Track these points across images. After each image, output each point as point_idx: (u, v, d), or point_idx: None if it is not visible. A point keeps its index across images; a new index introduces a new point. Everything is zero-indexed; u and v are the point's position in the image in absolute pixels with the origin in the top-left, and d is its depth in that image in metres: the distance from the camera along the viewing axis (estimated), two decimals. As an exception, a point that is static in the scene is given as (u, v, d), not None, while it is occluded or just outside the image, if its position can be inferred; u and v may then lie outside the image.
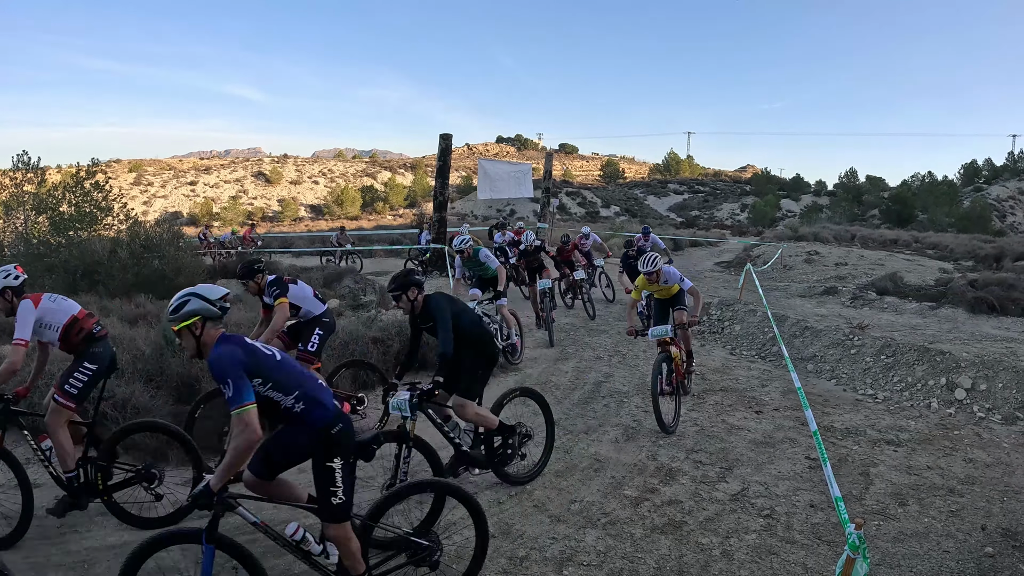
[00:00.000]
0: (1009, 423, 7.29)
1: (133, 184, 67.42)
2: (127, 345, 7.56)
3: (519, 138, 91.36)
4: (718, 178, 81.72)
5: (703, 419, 7.50)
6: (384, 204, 69.29)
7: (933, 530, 5.00)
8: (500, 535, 4.97)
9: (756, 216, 58.84)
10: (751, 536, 4.95)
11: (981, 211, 48.56)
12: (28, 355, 5.02)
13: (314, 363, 6.59)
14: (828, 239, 27.59)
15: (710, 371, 9.47)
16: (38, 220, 14.36)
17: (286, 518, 4.59)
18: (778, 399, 8.23)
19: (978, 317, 11.79)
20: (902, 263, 19.51)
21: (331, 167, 78.58)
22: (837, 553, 4.62)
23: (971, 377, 7.96)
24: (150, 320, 9.37)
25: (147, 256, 13.47)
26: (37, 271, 13.42)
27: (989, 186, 62.07)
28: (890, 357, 8.91)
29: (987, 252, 22.20)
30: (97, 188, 15.02)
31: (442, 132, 15.51)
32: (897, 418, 7.55)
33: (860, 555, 3.28)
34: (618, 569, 4.53)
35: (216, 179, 72.09)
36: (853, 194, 62.76)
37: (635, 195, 72.94)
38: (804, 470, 6.11)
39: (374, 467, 4.88)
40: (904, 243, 27.86)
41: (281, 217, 66.10)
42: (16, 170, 14.95)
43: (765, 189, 68.22)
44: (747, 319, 11.62)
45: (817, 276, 18.36)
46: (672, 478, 5.97)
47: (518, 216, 53.47)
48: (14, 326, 4.78)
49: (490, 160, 23.70)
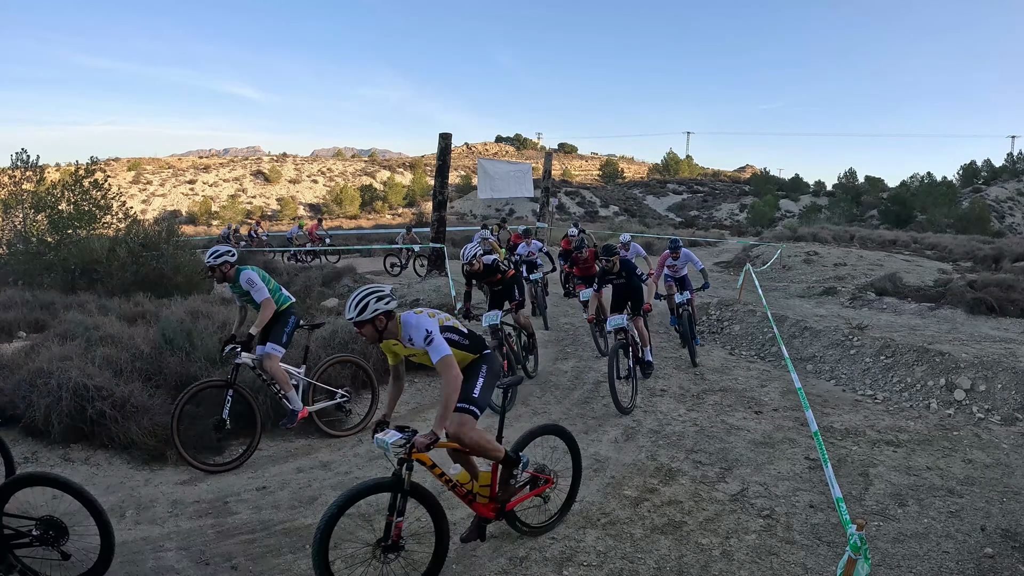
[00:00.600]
0: (1008, 424, 7.29)
1: (132, 183, 67.35)
2: (126, 344, 7.55)
3: (518, 137, 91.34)
4: (717, 178, 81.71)
5: (702, 419, 7.50)
6: (383, 203, 69.25)
7: (932, 531, 5.00)
8: (500, 535, 4.97)
9: (755, 216, 58.84)
10: (751, 536, 4.95)
11: (980, 212, 48.55)
12: None
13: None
14: (827, 239, 27.59)
15: (709, 371, 9.47)
16: (37, 218, 14.33)
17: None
18: (777, 399, 8.23)
19: (977, 318, 11.81)
20: (901, 264, 19.52)
21: (330, 166, 78.53)
22: (837, 554, 4.62)
23: (970, 378, 7.96)
24: (149, 319, 9.35)
25: (146, 255, 13.45)
26: (35, 269, 13.42)
27: (988, 187, 62.09)
28: (889, 358, 8.91)
29: (986, 253, 22.21)
30: (96, 187, 14.97)
31: (441, 131, 15.49)
32: (896, 419, 7.55)
33: (861, 556, 3.28)
34: (618, 569, 4.53)
35: (215, 178, 72.03)
36: (852, 194, 62.80)
37: (634, 195, 72.93)
38: (804, 470, 6.11)
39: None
40: (903, 244, 27.87)
41: (280, 216, 66.03)
42: (15, 168, 14.93)
43: (764, 189, 68.21)
44: (746, 319, 11.63)
45: (816, 276, 18.36)
46: (672, 478, 5.97)
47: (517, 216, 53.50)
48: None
49: (490, 159, 23.64)
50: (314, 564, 3.87)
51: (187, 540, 4.96)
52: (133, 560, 4.67)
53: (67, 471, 5.64)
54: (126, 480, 5.89)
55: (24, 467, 5.97)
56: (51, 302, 11.07)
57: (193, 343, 7.60)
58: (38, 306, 10.81)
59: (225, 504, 5.55)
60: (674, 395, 8.37)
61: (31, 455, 6.12)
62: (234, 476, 6.08)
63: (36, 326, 9.94)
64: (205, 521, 5.27)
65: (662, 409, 7.83)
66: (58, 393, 6.25)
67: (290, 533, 5.06)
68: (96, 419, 6.20)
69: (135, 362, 7.13)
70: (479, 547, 4.80)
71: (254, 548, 4.87)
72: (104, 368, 6.85)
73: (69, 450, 6.21)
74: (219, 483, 5.95)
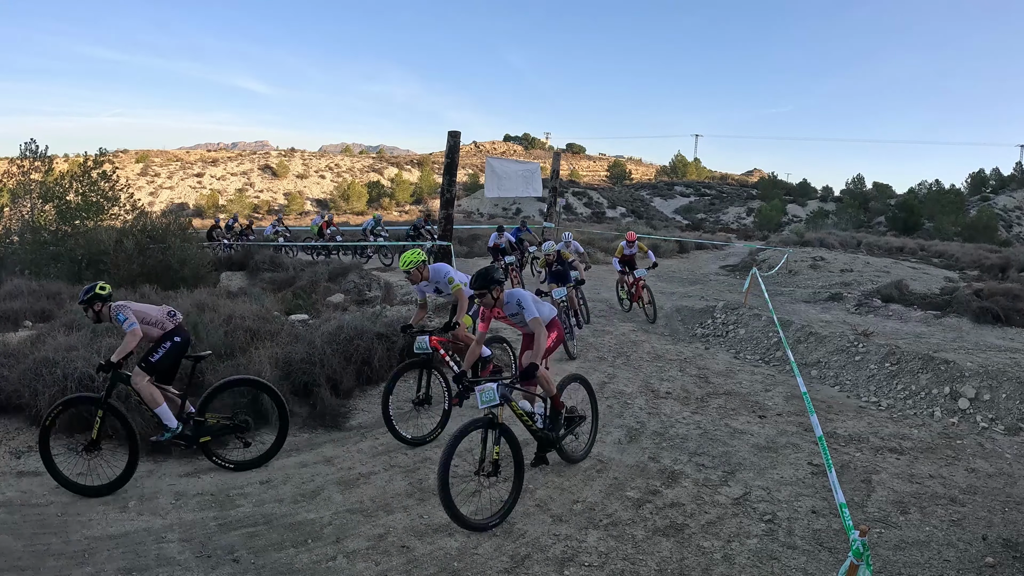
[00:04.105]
0: (1012, 434, 7.26)
1: (140, 175, 67.64)
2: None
3: (527, 137, 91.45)
4: (724, 181, 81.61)
5: (706, 422, 7.49)
6: (390, 200, 69.34)
7: (934, 539, 4.99)
8: (502, 534, 4.98)
9: (762, 220, 58.73)
10: (752, 541, 4.94)
11: (987, 221, 48.34)
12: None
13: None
14: (834, 245, 27.56)
15: (714, 374, 9.46)
16: (45, 209, 14.40)
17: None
18: (782, 404, 8.21)
19: (983, 327, 11.76)
20: (908, 271, 19.46)
21: (338, 162, 78.72)
22: (838, 560, 4.61)
23: (975, 387, 7.94)
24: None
25: (152, 247, 13.49)
26: (42, 259, 13.48)
27: (996, 196, 61.85)
28: (894, 365, 8.88)
29: (993, 262, 22.11)
30: (104, 178, 15.04)
31: (450, 129, 15.45)
32: (900, 426, 7.53)
33: (863, 562, 3.28)
34: (619, 570, 4.53)
35: (223, 171, 72.27)
36: (860, 200, 62.59)
37: (641, 196, 72.85)
38: (807, 476, 6.10)
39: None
40: (910, 251, 27.79)
41: (287, 211, 66.16)
42: (24, 158, 15.00)
43: (771, 193, 68.06)
44: (751, 323, 11.60)
45: (822, 282, 18.31)
46: (674, 480, 5.97)
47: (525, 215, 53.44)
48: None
49: (498, 158, 23.60)
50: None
51: (189, 532, 4.98)
52: (135, 551, 4.70)
53: (71, 461, 5.66)
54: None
55: (28, 456, 6.02)
56: (57, 292, 11.11)
57: (199, 335, 7.61)
58: (44, 296, 10.85)
59: (228, 497, 5.57)
60: (678, 398, 8.36)
61: (35, 444, 6.14)
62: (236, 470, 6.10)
63: (42, 316, 9.99)
64: (207, 513, 5.28)
65: (666, 411, 7.83)
66: (63, 383, 6.30)
67: (293, 527, 5.08)
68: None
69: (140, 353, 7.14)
70: (481, 546, 4.82)
71: (256, 541, 4.88)
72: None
73: (73, 439, 6.23)
74: (222, 476, 5.97)
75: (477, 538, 4.92)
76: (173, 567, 4.52)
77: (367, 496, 5.66)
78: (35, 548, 4.67)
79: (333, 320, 9.03)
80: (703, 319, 12.58)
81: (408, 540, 4.89)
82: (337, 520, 5.21)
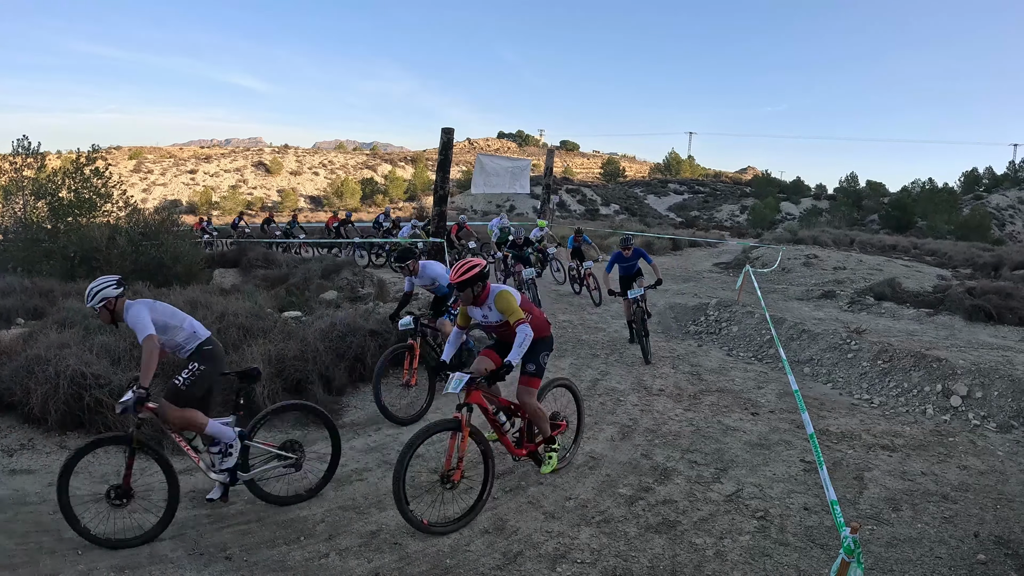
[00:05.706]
0: (1004, 431, 7.30)
1: (133, 171, 67.26)
2: (126, 332, 7.54)
3: (520, 134, 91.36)
4: (718, 179, 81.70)
5: (699, 419, 7.51)
6: (384, 197, 69.17)
7: (926, 536, 5.01)
8: (494, 531, 4.98)
9: (755, 218, 58.82)
10: (745, 537, 4.96)
11: (980, 219, 48.50)
12: None
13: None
14: (827, 243, 27.56)
15: (707, 371, 9.48)
16: (37, 205, 14.32)
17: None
18: (774, 401, 8.23)
19: (975, 325, 11.80)
20: (900, 269, 19.52)
21: (331, 159, 78.47)
22: (830, 556, 4.63)
23: (967, 384, 7.97)
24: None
25: (145, 244, 13.43)
26: (35, 256, 13.40)
27: (989, 195, 62.06)
28: (887, 362, 8.92)
29: (985, 260, 22.19)
30: (97, 175, 14.95)
31: (444, 126, 15.44)
32: (892, 423, 7.56)
33: (855, 559, 3.29)
34: (612, 567, 4.53)
35: (216, 168, 71.96)
36: (853, 199, 62.78)
37: (635, 194, 72.88)
38: (799, 473, 6.12)
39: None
40: (903, 249, 27.85)
41: (281, 208, 65.95)
42: (16, 155, 14.90)
43: (765, 191, 68.17)
44: (744, 320, 11.63)
45: (815, 279, 18.35)
46: (667, 477, 5.98)
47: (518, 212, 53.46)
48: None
49: (489, 155, 23.57)
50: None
51: (182, 529, 4.96)
52: (128, 549, 4.68)
53: (62, 458, 5.62)
54: (122, 468, 5.87)
55: (20, 455, 5.99)
56: (50, 289, 11.05)
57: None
58: (37, 293, 10.79)
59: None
60: (671, 395, 8.38)
61: (27, 442, 6.13)
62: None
63: (34, 313, 9.93)
64: (200, 511, 5.27)
65: (658, 408, 7.84)
66: (55, 380, 6.26)
67: (285, 525, 5.07)
68: (93, 407, 6.20)
69: (133, 350, 7.12)
70: (473, 543, 4.82)
71: (249, 539, 4.87)
72: (102, 356, 6.86)
73: (65, 437, 6.22)
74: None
75: (469, 535, 4.92)
76: (166, 565, 4.51)
77: (360, 493, 5.65)
78: (28, 546, 4.65)
79: (326, 317, 9.02)
80: (696, 316, 12.60)
81: (400, 537, 4.88)
82: (330, 517, 5.20)
